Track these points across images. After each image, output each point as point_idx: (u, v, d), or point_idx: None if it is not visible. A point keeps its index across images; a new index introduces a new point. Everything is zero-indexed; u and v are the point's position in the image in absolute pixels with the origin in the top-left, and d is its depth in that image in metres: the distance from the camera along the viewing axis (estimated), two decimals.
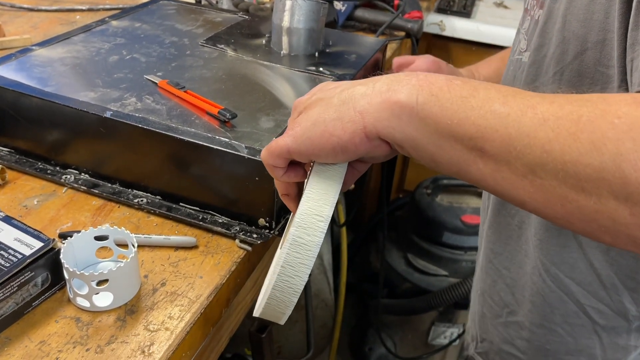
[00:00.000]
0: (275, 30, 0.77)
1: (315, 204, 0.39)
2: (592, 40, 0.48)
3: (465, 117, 0.34)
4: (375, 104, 0.37)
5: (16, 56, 0.70)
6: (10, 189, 0.63)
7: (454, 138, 0.35)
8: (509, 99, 0.34)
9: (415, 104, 0.36)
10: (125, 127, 0.59)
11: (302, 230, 0.38)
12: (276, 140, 0.41)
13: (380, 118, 0.37)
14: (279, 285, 0.39)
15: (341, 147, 0.38)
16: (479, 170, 0.35)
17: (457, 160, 0.36)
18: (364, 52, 0.80)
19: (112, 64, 0.70)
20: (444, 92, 0.36)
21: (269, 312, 0.41)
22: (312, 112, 0.40)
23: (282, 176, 0.43)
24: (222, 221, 0.59)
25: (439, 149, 0.36)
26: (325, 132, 0.38)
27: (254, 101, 0.65)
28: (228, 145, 0.56)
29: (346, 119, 0.38)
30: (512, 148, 0.33)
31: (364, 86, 0.39)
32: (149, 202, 0.61)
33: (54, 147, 0.65)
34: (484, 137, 0.34)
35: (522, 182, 0.33)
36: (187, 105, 0.62)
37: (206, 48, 0.77)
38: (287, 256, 0.38)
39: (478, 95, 0.35)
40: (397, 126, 0.37)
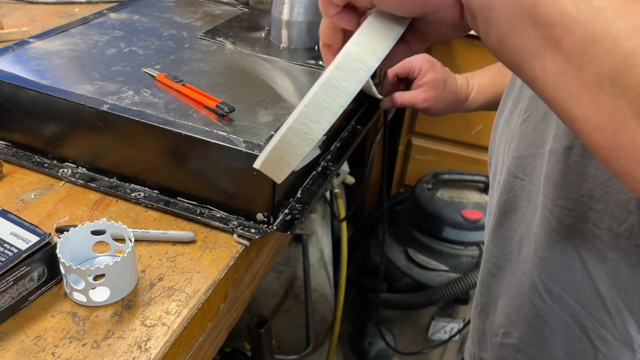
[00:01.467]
0: (275, 24, 0.77)
1: (362, 50, 0.35)
2: None
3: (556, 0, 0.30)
4: None
5: (13, 48, 0.69)
6: (7, 183, 0.62)
7: (534, 21, 0.31)
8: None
9: None
10: (122, 121, 0.58)
11: (340, 72, 0.34)
12: None
13: None
14: (296, 127, 0.34)
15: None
16: (543, 68, 0.31)
17: (525, 49, 0.32)
18: None
19: (109, 57, 0.70)
20: None
21: (272, 161, 0.36)
22: None
23: (334, 15, 0.38)
24: (220, 216, 0.59)
25: (511, 29, 0.32)
26: None
27: (253, 95, 0.65)
28: (226, 139, 0.55)
29: None
30: (592, 50, 0.29)
31: None
32: (147, 196, 0.61)
33: (51, 140, 0.64)
34: (567, 28, 0.30)
35: (584, 93, 0.30)
36: (184, 99, 0.61)
37: (205, 41, 0.76)
38: (315, 96, 0.34)
39: None
40: None
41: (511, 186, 0.56)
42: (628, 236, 0.44)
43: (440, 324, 1.49)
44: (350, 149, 0.73)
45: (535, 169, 0.53)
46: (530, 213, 0.54)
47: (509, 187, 0.57)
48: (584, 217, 0.47)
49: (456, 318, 1.48)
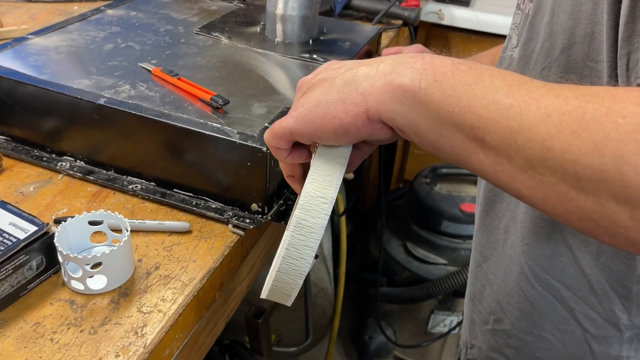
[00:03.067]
0: (270, 18, 0.78)
1: (319, 185, 0.39)
2: (579, 34, 0.47)
3: (468, 106, 0.33)
4: (378, 86, 0.36)
5: (12, 45, 0.70)
6: (6, 176, 0.64)
7: (456, 126, 0.34)
8: (513, 89, 0.33)
9: (418, 88, 0.35)
10: (118, 114, 0.59)
11: (306, 212, 0.38)
12: (279, 122, 0.41)
13: (382, 101, 0.36)
14: (284, 268, 0.39)
15: (343, 130, 0.38)
16: (480, 161, 0.34)
17: (458, 149, 0.35)
18: (359, 39, 0.80)
19: (106, 52, 0.71)
20: (448, 78, 0.35)
21: (275, 294, 0.41)
22: (315, 93, 0.39)
23: (285, 158, 0.42)
24: (215, 206, 0.60)
25: (440, 137, 0.35)
26: (328, 114, 0.38)
27: (247, 88, 0.66)
28: (220, 130, 0.56)
29: (349, 101, 0.37)
30: (513, 141, 0.32)
31: (368, 67, 0.38)
32: (144, 188, 0.62)
33: (49, 134, 0.65)
34: (485, 128, 0.33)
35: (522, 176, 0.32)
36: (180, 92, 0.63)
37: (200, 36, 0.77)
38: (292, 239, 0.38)
39: (482, 83, 0.34)
40: (400, 110, 0.36)
41: None
42: None
43: (440, 317, 1.50)
44: None
45: None
46: (515, 201, 0.55)
47: None
48: None
49: (455, 311, 1.49)
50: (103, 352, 0.45)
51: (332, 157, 0.40)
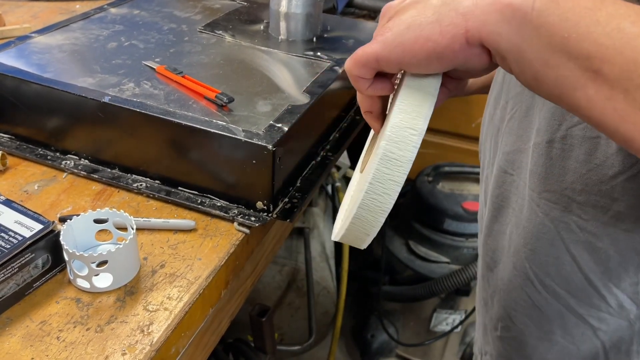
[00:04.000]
0: (273, 16, 0.78)
1: (408, 116, 0.36)
2: None
3: (587, 32, 0.30)
4: (482, 5, 0.33)
5: (15, 43, 0.70)
6: (11, 175, 0.63)
7: (569, 55, 0.31)
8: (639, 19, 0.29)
9: (531, 8, 0.31)
10: (123, 112, 0.59)
11: (393, 144, 0.35)
12: (363, 48, 0.37)
13: (486, 22, 0.33)
14: (366, 204, 0.36)
15: (437, 54, 0.34)
16: (587, 97, 0.31)
17: (564, 82, 0.32)
18: (363, 37, 0.80)
19: (110, 51, 0.71)
20: (565, 0, 0.31)
21: (352, 234, 0.38)
22: (405, 15, 0.35)
23: (367, 89, 0.39)
24: (220, 204, 0.59)
25: (546, 66, 0.32)
26: (420, 37, 0.34)
27: (252, 85, 0.65)
28: (225, 128, 0.56)
29: (446, 22, 0.34)
30: (636, 75, 0.29)
31: None
32: (148, 186, 0.62)
33: (53, 133, 0.65)
34: (605, 58, 0.30)
35: (637, 115, 0.30)
36: (184, 90, 0.62)
37: (204, 34, 0.77)
38: (377, 172, 0.35)
39: (605, 9, 0.30)
40: (505, 33, 0.32)
41: (502, 181, 0.57)
42: (615, 223, 0.44)
43: (442, 315, 1.50)
44: (349, 139, 0.73)
45: (522, 163, 0.54)
46: (519, 207, 0.54)
47: (501, 182, 0.57)
48: (568, 209, 0.47)
49: (458, 310, 1.49)
50: (109, 350, 0.45)
51: (422, 86, 0.37)
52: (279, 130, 0.56)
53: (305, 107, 0.61)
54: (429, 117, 0.36)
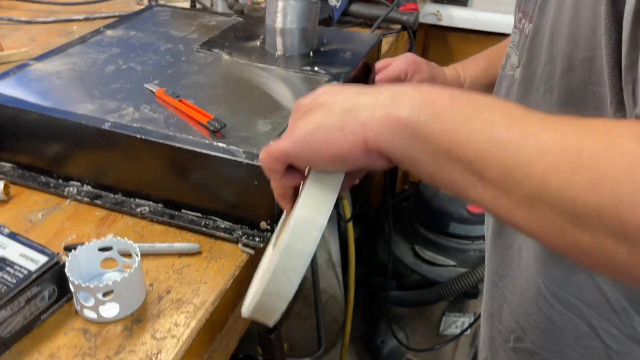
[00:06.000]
0: (269, 32, 0.78)
1: (310, 211, 0.39)
2: (579, 58, 0.46)
3: (466, 141, 0.34)
4: (377, 117, 0.37)
5: (14, 72, 0.71)
6: (14, 204, 0.64)
7: (454, 160, 0.34)
8: (512, 123, 0.33)
9: (417, 122, 0.35)
10: (123, 138, 0.59)
11: (295, 237, 0.38)
12: (276, 143, 0.41)
13: (381, 133, 0.36)
14: (268, 290, 0.39)
15: (341, 157, 0.38)
16: (478, 194, 0.34)
17: (457, 182, 0.35)
18: (359, 48, 0.80)
19: (108, 75, 0.71)
20: (446, 112, 0.35)
21: (258, 315, 0.41)
22: (313, 117, 0.40)
23: (279, 179, 0.43)
24: (224, 226, 0.60)
25: (438, 170, 0.35)
26: (326, 140, 0.38)
27: (251, 105, 0.65)
28: (226, 151, 0.56)
29: (348, 129, 0.38)
30: (511, 177, 0.32)
31: (368, 97, 0.38)
32: (152, 210, 0.62)
33: (55, 160, 0.65)
34: (484, 162, 0.33)
35: (520, 211, 0.32)
36: (182, 115, 0.62)
37: (201, 53, 0.77)
38: (279, 263, 0.38)
39: (481, 117, 0.34)
40: (398, 143, 0.36)
41: None
42: None
43: (451, 319, 1.49)
44: None
45: None
46: None
47: None
48: None
49: (467, 312, 1.48)
50: None
51: (326, 182, 0.40)
52: None
53: None
54: (329, 213, 0.40)
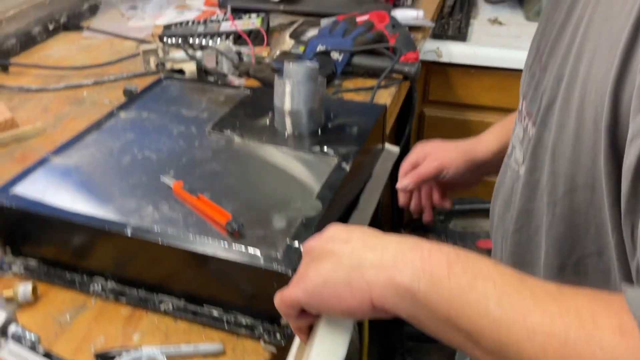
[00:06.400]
0: (278, 112, 0.80)
1: (325, 358, 0.43)
2: (581, 182, 0.48)
3: (463, 312, 0.37)
4: (381, 279, 0.40)
5: (35, 168, 0.73)
6: (43, 305, 0.66)
7: (453, 327, 0.37)
8: (504, 299, 0.36)
9: (417, 290, 0.38)
10: (146, 243, 0.62)
11: None
12: (289, 291, 0.45)
13: (385, 295, 0.40)
14: None
15: (350, 312, 0.42)
16: (476, 356, 0.38)
17: (458, 345, 0.38)
18: (365, 122, 0.82)
19: (125, 167, 0.73)
20: (444, 281, 0.38)
21: None
22: (322, 268, 0.43)
23: (295, 320, 0.47)
24: (245, 322, 0.62)
25: (440, 332, 0.39)
26: (335, 295, 0.42)
27: (265, 196, 0.68)
28: (245, 255, 0.58)
29: (355, 286, 0.41)
30: (504, 351, 0.35)
31: (373, 253, 0.42)
32: (175, 307, 0.64)
33: (79, 257, 0.68)
34: (479, 333, 0.36)
35: None
36: (200, 213, 0.65)
37: (213, 136, 0.80)
38: None
39: (476, 289, 0.37)
40: (402, 306, 0.39)
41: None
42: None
43: None
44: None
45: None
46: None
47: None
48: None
49: None
50: None
51: (338, 329, 0.44)
52: (297, 252, 0.59)
53: (318, 219, 0.63)
54: (344, 354, 0.44)
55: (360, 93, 1.12)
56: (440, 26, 1.61)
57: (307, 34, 1.33)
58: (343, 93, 1.11)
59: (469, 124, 1.64)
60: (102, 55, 1.34)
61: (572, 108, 0.48)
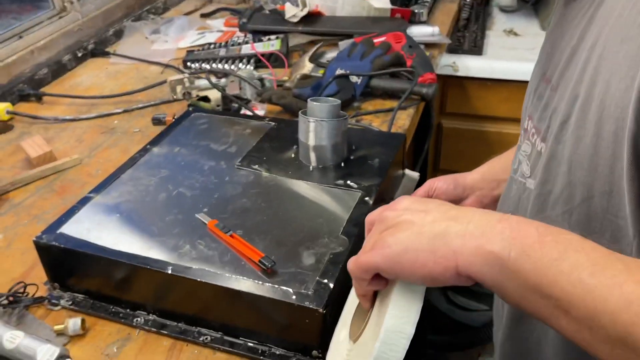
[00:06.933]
0: (303, 147, 0.84)
1: (398, 321, 0.44)
2: (598, 190, 0.50)
3: (554, 281, 0.38)
4: (470, 247, 0.41)
5: (78, 208, 0.78)
6: (91, 337, 0.71)
7: (541, 295, 0.38)
8: (597, 270, 0.37)
9: (507, 257, 0.39)
10: (185, 281, 0.66)
11: (386, 346, 0.43)
12: (366, 256, 0.46)
13: (473, 262, 0.41)
14: None
15: (431, 278, 0.43)
16: (560, 326, 0.38)
17: (542, 313, 0.39)
18: (386, 153, 0.86)
19: (162, 204, 0.78)
20: (536, 251, 0.39)
21: None
22: (402, 236, 0.44)
23: (366, 286, 0.48)
24: (279, 353, 0.66)
25: (525, 300, 0.40)
26: (417, 262, 0.43)
27: (294, 233, 0.72)
28: (277, 292, 0.63)
29: (439, 254, 0.42)
30: (597, 319, 0.36)
31: (458, 224, 0.43)
32: (213, 339, 0.69)
33: (123, 292, 0.73)
34: (570, 302, 0.37)
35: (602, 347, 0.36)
36: (234, 250, 0.69)
37: (242, 171, 0.84)
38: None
39: (568, 259, 0.38)
40: (489, 273, 0.40)
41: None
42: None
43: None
44: None
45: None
46: None
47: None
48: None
49: None
50: None
51: (412, 293, 0.45)
52: (326, 288, 0.63)
53: (345, 254, 0.68)
54: (416, 322, 0.44)
55: (380, 115, 1.15)
56: (456, 39, 1.63)
57: (325, 56, 1.37)
58: (362, 116, 1.15)
59: (486, 134, 1.67)
60: (130, 81, 1.40)
61: (589, 123, 0.50)
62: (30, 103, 1.31)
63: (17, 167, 1.07)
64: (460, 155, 1.73)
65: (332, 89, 1.14)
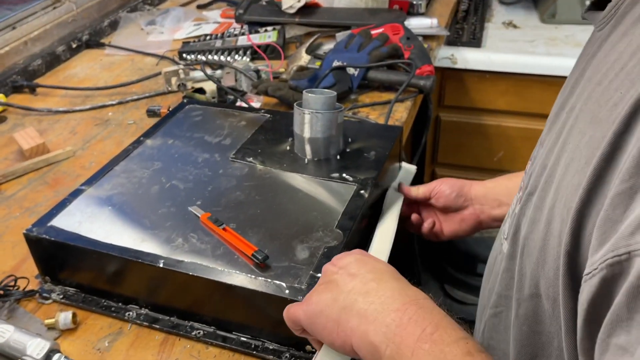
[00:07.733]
0: (298, 139, 0.83)
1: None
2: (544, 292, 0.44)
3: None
4: (360, 330, 0.44)
5: (69, 200, 0.77)
6: (82, 331, 0.70)
7: None
8: None
9: (383, 353, 0.43)
10: (177, 274, 0.65)
11: None
12: (294, 309, 0.51)
13: (360, 346, 0.45)
14: None
15: (335, 347, 0.47)
16: None
17: None
18: (382, 146, 0.85)
19: (154, 197, 0.77)
20: (405, 356, 0.41)
21: None
22: (324, 297, 0.48)
23: (300, 334, 0.53)
24: (272, 348, 0.65)
25: None
26: (326, 328, 0.47)
27: (287, 225, 0.71)
28: (270, 286, 0.62)
29: (341, 328, 0.46)
30: None
31: (364, 301, 0.46)
32: (206, 333, 0.68)
33: (114, 286, 0.72)
34: None
35: None
36: (227, 243, 0.68)
37: (237, 163, 0.83)
38: None
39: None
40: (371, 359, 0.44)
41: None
42: None
43: None
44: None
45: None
46: None
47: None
48: None
49: None
50: None
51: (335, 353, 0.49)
52: None
53: (340, 248, 0.67)
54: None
55: (377, 108, 1.14)
56: (455, 32, 1.62)
57: (322, 48, 1.36)
58: (359, 108, 1.14)
59: (485, 127, 1.66)
60: (124, 72, 1.39)
61: (545, 208, 0.44)
62: (23, 94, 1.30)
63: (10, 159, 1.06)
64: (458, 148, 1.72)
65: (329, 81, 1.13)
